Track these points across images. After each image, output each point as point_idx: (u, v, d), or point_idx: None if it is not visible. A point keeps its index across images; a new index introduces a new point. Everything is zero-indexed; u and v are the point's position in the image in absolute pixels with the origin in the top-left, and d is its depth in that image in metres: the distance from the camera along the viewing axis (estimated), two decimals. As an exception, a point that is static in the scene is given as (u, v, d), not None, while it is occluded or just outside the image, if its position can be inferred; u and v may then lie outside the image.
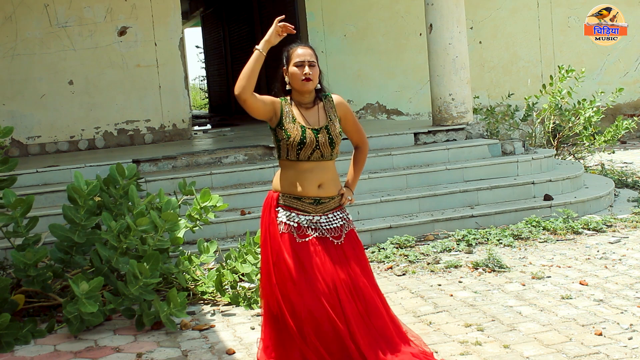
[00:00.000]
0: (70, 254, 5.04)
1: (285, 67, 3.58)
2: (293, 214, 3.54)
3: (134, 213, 5.08)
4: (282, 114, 3.53)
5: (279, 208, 3.57)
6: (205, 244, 5.45)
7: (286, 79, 3.58)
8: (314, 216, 3.55)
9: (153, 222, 4.96)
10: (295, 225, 3.53)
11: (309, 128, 3.52)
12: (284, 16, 3.45)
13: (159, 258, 4.81)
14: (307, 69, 3.50)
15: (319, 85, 3.61)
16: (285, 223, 3.53)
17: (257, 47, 3.40)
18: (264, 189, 6.91)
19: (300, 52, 3.53)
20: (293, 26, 3.45)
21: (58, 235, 5.01)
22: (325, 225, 3.56)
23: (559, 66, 9.52)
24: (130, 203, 5.21)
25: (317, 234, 3.54)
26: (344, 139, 3.75)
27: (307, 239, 3.51)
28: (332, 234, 3.57)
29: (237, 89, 3.37)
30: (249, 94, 3.38)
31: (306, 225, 3.53)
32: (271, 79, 3.72)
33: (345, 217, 3.66)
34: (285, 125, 3.51)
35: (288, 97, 3.61)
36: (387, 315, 3.61)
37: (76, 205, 5.07)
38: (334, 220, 3.59)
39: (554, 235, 6.47)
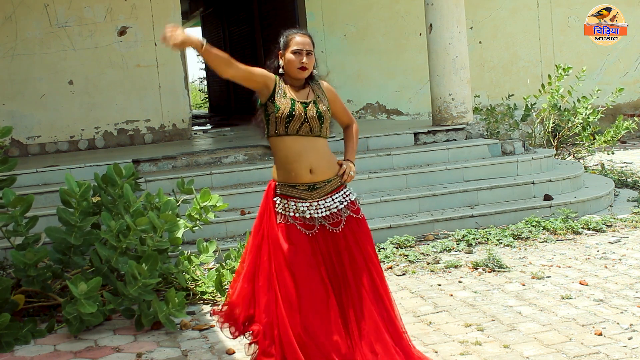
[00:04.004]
0: (68, 255, 5.04)
1: (281, 52, 3.60)
2: (291, 203, 3.53)
3: (130, 212, 5.08)
4: (275, 89, 3.56)
5: (277, 198, 3.58)
6: (205, 243, 5.45)
7: (280, 62, 3.60)
8: (310, 202, 3.54)
9: (152, 222, 4.96)
10: (292, 215, 3.52)
11: (298, 101, 3.55)
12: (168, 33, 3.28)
13: (158, 258, 4.80)
14: (304, 58, 3.54)
15: (314, 71, 3.64)
16: (282, 214, 3.54)
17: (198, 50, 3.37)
18: (263, 189, 6.85)
19: (298, 40, 3.56)
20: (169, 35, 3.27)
21: (54, 238, 5.00)
22: (322, 212, 3.53)
23: (556, 65, 9.52)
24: (126, 202, 5.20)
25: (317, 223, 3.52)
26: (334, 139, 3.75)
27: (304, 232, 3.50)
28: (330, 220, 3.54)
29: (220, 75, 3.44)
30: (228, 72, 3.41)
31: (303, 215, 3.52)
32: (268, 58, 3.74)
33: (345, 199, 3.60)
34: (276, 99, 3.54)
35: (280, 78, 3.64)
36: (381, 313, 3.56)
37: (70, 207, 5.07)
38: (332, 204, 3.56)
39: (554, 235, 6.47)
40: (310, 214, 3.52)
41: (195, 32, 24.37)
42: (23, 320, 4.77)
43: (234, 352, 4.27)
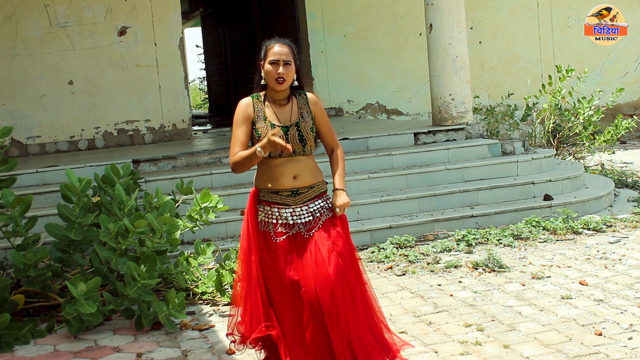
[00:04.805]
0: (69, 252, 5.05)
1: (262, 62, 3.54)
2: (274, 209, 3.51)
3: (125, 212, 5.08)
4: (254, 113, 3.51)
5: (260, 205, 3.55)
6: (203, 245, 5.44)
7: (262, 73, 3.54)
8: (294, 208, 3.51)
9: (150, 224, 4.96)
10: (274, 222, 3.50)
11: (278, 126, 3.49)
12: (276, 133, 3.35)
13: (157, 259, 4.80)
14: (281, 69, 3.46)
15: (296, 83, 3.57)
16: (264, 221, 3.52)
17: (258, 148, 3.35)
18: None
19: (276, 50, 3.48)
20: (285, 144, 3.32)
21: (55, 234, 5.01)
22: (304, 218, 3.51)
23: (556, 66, 9.52)
24: (120, 203, 5.21)
25: (293, 231, 3.50)
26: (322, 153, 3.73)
27: (280, 239, 3.48)
28: (307, 226, 3.51)
29: (234, 170, 3.48)
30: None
31: (284, 222, 3.50)
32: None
33: (326, 205, 3.58)
34: (257, 124, 3.50)
35: (262, 94, 3.57)
36: (363, 310, 3.54)
37: (70, 203, 5.08)
38: (314, 210, 3.53)
39: (553, 235, 6.47)
40: (293, 220, 3.50)
41: (195, 32, 24.40)
42: (23, 320, 4.77)
43: (233, 352, 4.27)
